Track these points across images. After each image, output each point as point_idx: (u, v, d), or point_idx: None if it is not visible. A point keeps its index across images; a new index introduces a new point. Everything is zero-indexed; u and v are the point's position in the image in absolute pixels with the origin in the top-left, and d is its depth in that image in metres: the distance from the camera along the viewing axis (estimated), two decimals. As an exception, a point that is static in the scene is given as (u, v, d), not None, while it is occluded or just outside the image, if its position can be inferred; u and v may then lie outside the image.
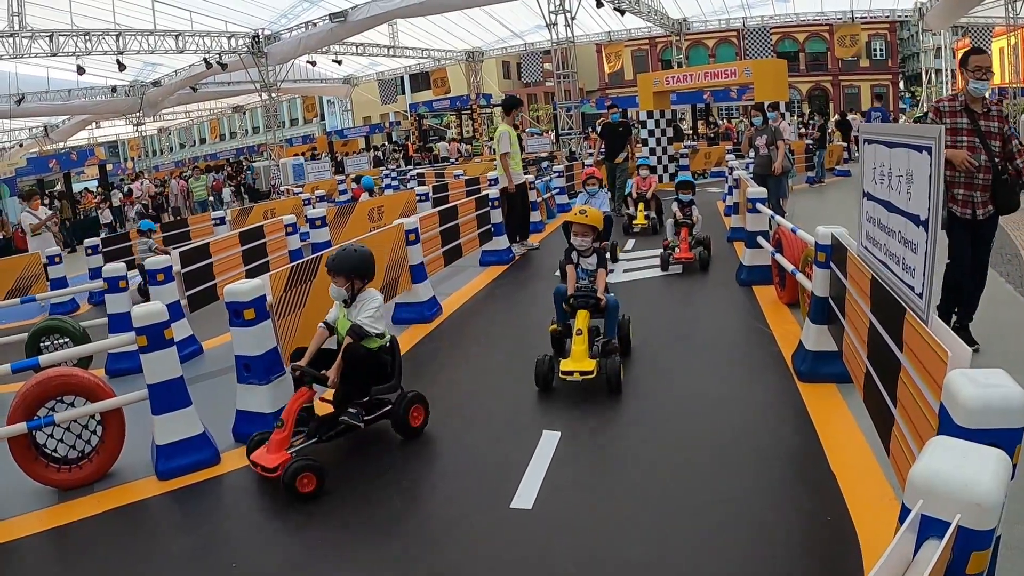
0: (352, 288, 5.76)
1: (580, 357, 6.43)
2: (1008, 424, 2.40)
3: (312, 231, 13.46)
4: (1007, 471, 1.91)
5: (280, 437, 5.30)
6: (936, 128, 3.50)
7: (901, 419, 3.53)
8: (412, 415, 5.87)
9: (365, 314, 5.68)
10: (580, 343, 6.51)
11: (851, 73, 57.44)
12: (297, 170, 30.86)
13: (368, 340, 5.65)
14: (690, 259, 11.05)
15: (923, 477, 1.90)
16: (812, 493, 4.56)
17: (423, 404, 5.99)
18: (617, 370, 6.33)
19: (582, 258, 7.13)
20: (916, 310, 3.58)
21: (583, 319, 6.65)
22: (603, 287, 6.90)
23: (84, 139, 54.86)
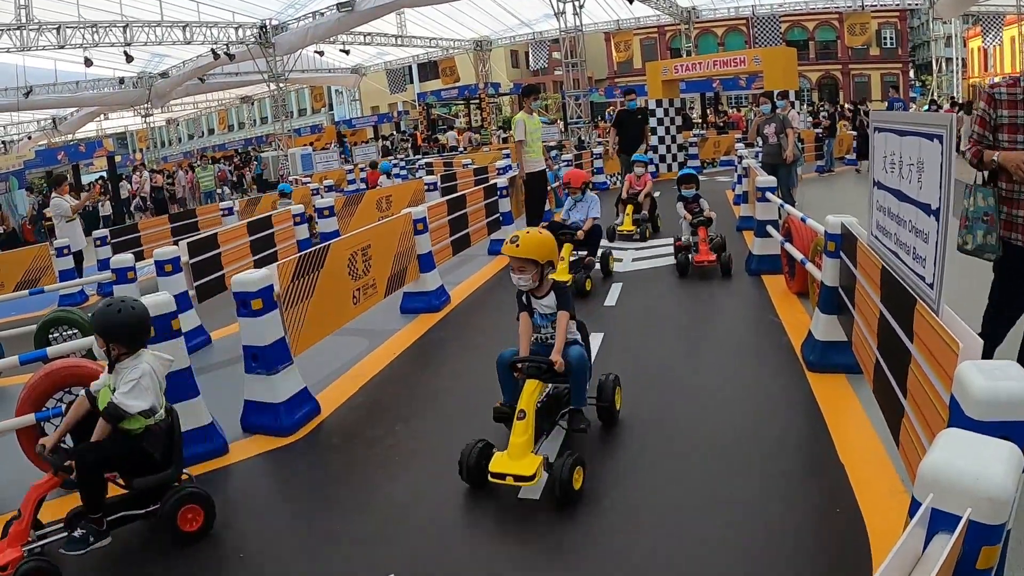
0: (110, 353, 4.53)
1: (518, 452, 4.67)
2: (1019, 416, 2.37)
3: (321, 221, 13.48)
4: (1019, 465, 1.88)
5: (17, 530, 4.29)
6: (947, 116, 3.45)
7: (911, 410, 3.50)
8: (184, 517, 4.48)
9: (122, 388, 4.39)
10: (520, 432, 4.77)
11: (861, 62, 57.11)
12: (305, 160, 30.88)
13: (130, 421, 4.42)
14: (712, 262, 9.90)
15: (934, 470, 1.87)
16: (821, 484, 4.54)
17: (203, 503, 4.56)
18: (569, 477, 4.49)
19: (536, 300, 5.40)
20: (927, 300, 3.54)
21: (529, 395, 4.96)
22: (563, 338, 5.21)
23: (92, 131, 54.85)
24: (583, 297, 9.29)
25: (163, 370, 4.64)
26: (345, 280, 7.51)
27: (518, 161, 13.15)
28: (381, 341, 8.32)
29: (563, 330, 5.23)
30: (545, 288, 5.36)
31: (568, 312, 5.30)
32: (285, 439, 5.93)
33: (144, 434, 4.46)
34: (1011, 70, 40.11)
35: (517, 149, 13.19)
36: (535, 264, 5.19)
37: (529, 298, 5.42)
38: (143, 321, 4.61)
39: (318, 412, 6.40)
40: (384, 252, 8.42)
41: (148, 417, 4.46)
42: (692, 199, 10.76)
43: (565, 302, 5.31)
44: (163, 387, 4.62)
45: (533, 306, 5.41)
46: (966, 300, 4.11)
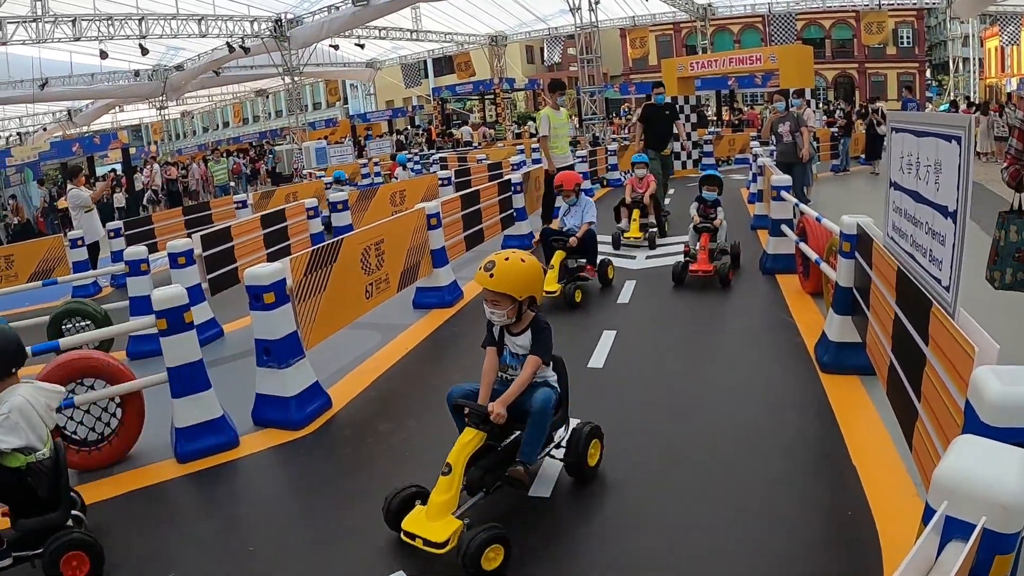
0: None
1: (435, 513, 4.03)
2: (1027, 422, 2.35)
3: (334, 215, 13.48)
4: (1034, 471, 1.87)
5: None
6: (965, 117, 3.42)
7: (925, 414, 3.47)
8: (69, 564, 3.99)
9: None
10: (443, 490, 4.08)
11: (877, 61, 56.80)
12: (320, 153, 30.91)
13: (6, 457, 3.93)
14: (708, 272, 9.32)
15: (948, 477, 1.85)
16: (833, 486, 4.52)
17: (89, 551, 4.06)
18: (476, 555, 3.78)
19: (509, 336, 4.60)
20: (942, 303, 3.51)
21: (461, 447, 4.24)
22: (520, 387, 4.41)
23: (107, 123, 55.08)
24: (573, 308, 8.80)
25: (47, 402, 4.15)
26: (358, 274, 7.52)
27: (547, 156, 12.99)
28: (393, 336, 8.32)
29: (525, 378, 4.45)
30: (522, 324, 4.55)
31: (540, 358, 4.50)
32: (296, 433, 5.93)
33: (26, 471, 3.99)
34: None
35: (543, 144, 13.03)
36: (512, 300, 4.40)
37: (502, 331, 4.62)
38: (7, 348, 4.08)
39: (329, 406, 6.40)
40: (397, 247, 8.42)
41: (26, 455, 3.98)
42: (711, 203, 10.16)
43: (541, 346, 4.52)
44: (50, 421, 4.14)
45: (505, 341, 4.61)
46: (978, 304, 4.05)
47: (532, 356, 4.48)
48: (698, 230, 9.73)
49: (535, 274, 4.46)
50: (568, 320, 8.34)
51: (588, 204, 9.85)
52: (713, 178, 10.41)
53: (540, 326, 4.56)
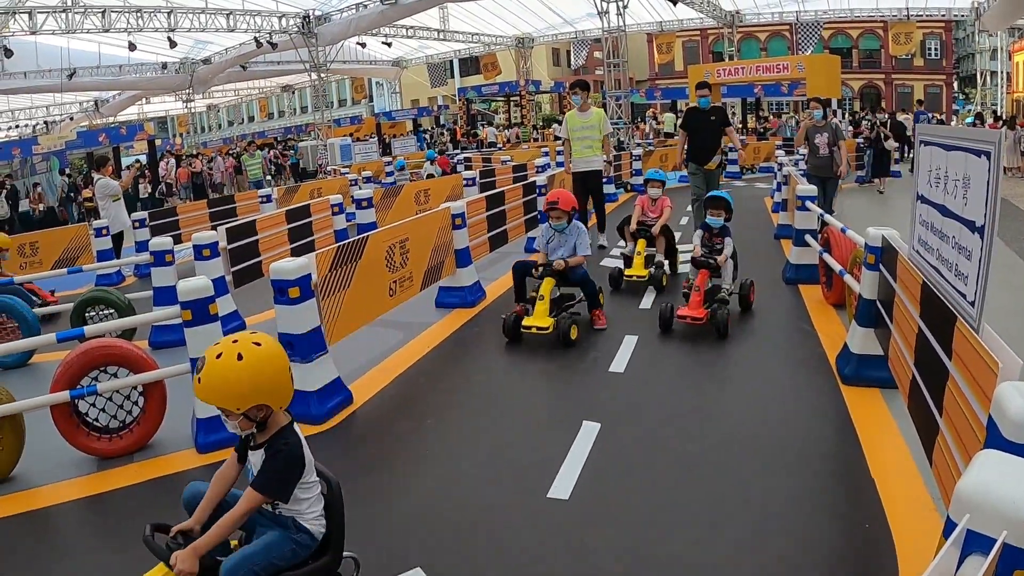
0: None
1: None
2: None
3: (358, 212, 13.54)
4: (1056, 489, 1.88)
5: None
6: (995, 133, 3.43)
7: (946, 429, 3.47)
8: None
9: None
10: None
11: (904, 72, 56.44)
12: (344, 150, 31.03)
13: None
14: (699, 320, 7.60)
15: (971, 491, 1.87)
16: (851, 498, 4.52)
17: None
18: None
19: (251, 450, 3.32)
20: (967, 318, 3.51)
21: None
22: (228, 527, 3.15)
23: (134, 114, 55.41)
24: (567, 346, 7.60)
25: None
26: (382, 272, 7.56)
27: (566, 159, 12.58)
28: (415, 334, 8.36)
29: (234, 518, 3.15)
30: (266, 435, 3.24)
31: (262, 493, 3.16)
32: (317, 427, 5.97)
33: None
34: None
35: (565, 147, 12.63)
36: None
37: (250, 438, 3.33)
38: None
39: (350, 402, 6.45)
40: (422, 246, 8.46)
41: None
42: (718, 231, 8.55)
43: (268, 477, 3.18)
44: None
45: (249, 455, 3.36)
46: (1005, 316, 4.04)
47: (250, 489, 3.19)
48: (697, 264, 8.19)
49: (265, 374, 3.09)
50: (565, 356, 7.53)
51: (582, 233, 8.32)
52: (719, 200, 8.58)
53: (277, 447, 3.21)
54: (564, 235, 8.21)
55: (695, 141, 12.34)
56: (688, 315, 7.64)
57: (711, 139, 12.24)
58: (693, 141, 12.38)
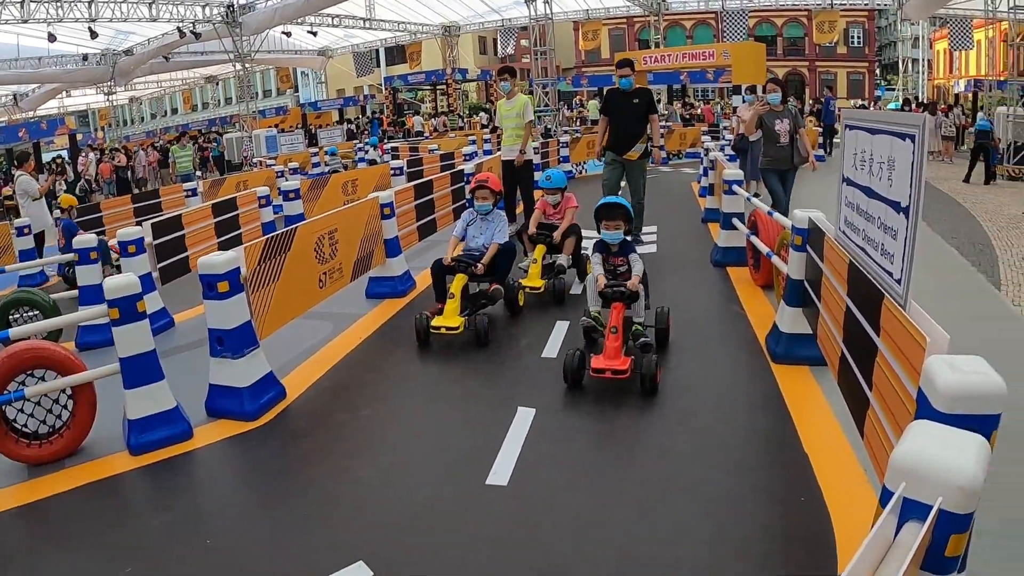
0: None
1: None
2: (985, 410, 2.44)
3: (286, 203, 13.36)
4: (987, 457, 1.93)
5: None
6: (921, 116, 3.50)
7: (876, 403, 3.55)
8: None
9: None
10: None
11: (828, 59, 57.45)
12: (270, 141, 30.59)
13: None
14: (622, 372, 5.84)
15: (906, 460, 1.91)
16: (786, 474, 4.62)
17: None
18: None
19: None
20: (895, 296, 3.60)
21: None
22: None
23: (55, 108, 54.03)
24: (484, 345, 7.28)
25: None
26: (312, 263, 7.46)
27: None
28: (347, 325, 8.28)
29: None
30: None
31: None
32: (251, 424, 5.87)
33: None
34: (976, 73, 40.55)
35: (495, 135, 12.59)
36: None
37: None
38: None
39: (284, 396, 6.36)
40: (351, 236, 8.37)
41: None
42: (617, 250, 6.80)
43: None
44: None
45: None
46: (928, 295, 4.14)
47: None
48: (607, 297, 6.50)
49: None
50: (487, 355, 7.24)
51: (503, 221, 8.14)
52: (615, 209, 6.80)
53: None
54: (486, 221, 8.12)
55: (616, 127, 11.02)
56: (607, 368, 5.86)
57: (634, 125, 10.89)
58: (614, 127, 11.05)
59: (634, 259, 6.70)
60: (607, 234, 6.73)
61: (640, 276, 6.56)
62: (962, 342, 6.02)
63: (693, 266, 10.06)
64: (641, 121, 10.93)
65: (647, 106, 11.05)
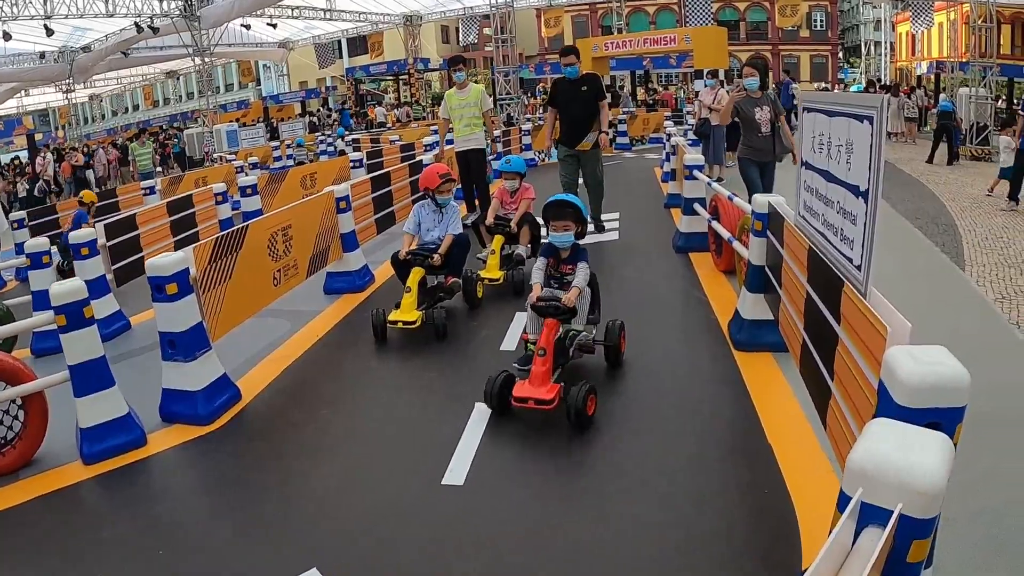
0: None
1: None
2: (948, 403, 2.34)
3: (243, 199, 13.15)
4: (950, 456, 1.83)
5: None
6: (878, 97, 3.41)
7: (838, 393, 3.45)
8: None
9: None
10: None
11: (791, 43, 57.64)
12: (231, 136, 30.28)
13: None
14: (546, 403, 5.10)
15: (864, 463, 1.80)
16: (749, 464, 4.52)
17: None
18: None
19: None
20: (855, 282, 3.50)
21: None
22: None
23: (13, 108, 53.28)
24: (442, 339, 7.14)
25: None
26: (265, 261, 7.30)
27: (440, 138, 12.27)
28: (304, 323, 8.11)
29: None
30: None
31: None
32: (205, 428, 5.74)
33: None
34: (938, 55, 40.85)
35: (442, 126, 12.28)
36: None
37: None
38: None
39: (239, 398, 6.21)
40: (306, 232, 8.20)
41: None
42: (568, 256, 6.02)
43: None
44: None
45: None
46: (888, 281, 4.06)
47: None
48: (539, 312, 5.64)
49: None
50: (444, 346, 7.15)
51: (457, 212, 7.95)
52: (564, 208, 5.93)
53: None
54: (440, 213, 7.88)
55: (566, 118, 10.48)
56: (530, 397, 5.12)
57: (583, 114, 10.33)
58: (564, 119, 10.51)
59: (582, 268, 5.81)
60: (556, 236, 5.84)
61: (581, 289, 5.68)
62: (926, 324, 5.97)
63: (655, 253, 9.98)
64: (591, 109, 10.33)
65: (595, 93, 10.43)
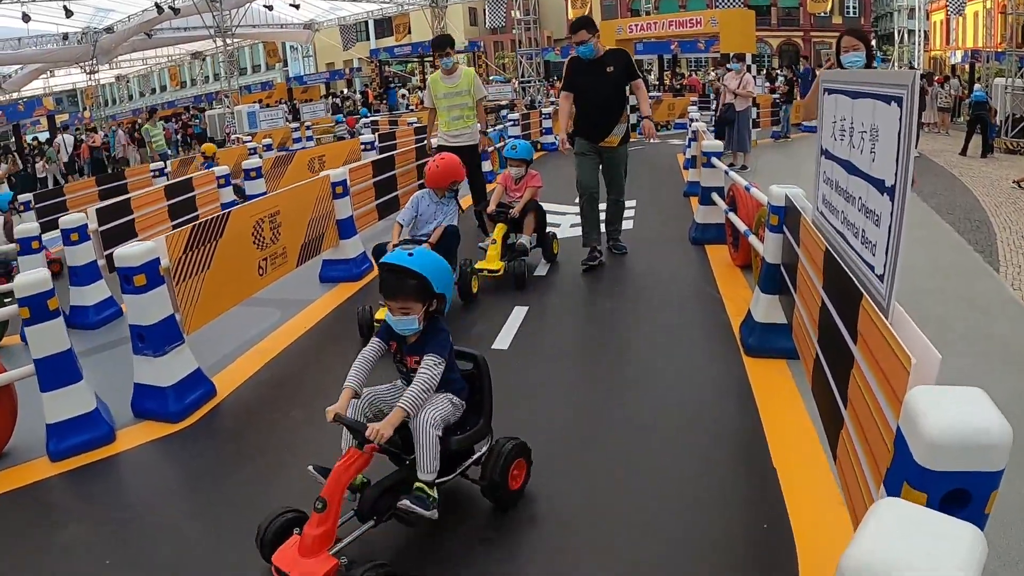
0: None
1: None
2: (981, 466, 1.84)
3: (247, 183, 12.76)
4: (981, 559, 1.33)
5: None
6: (909, 74, 2.85)
7: (851, 424, 2.92)
8: None
9: None
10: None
11: (823, 30, 56.86)
12: (251, 118, 30.08)
13: None
14: None
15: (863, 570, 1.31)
16: (750, 489, 4.05)
17: None
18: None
19: None
20: (875, 295, 2.97)
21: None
22: None
23: (40, 88, 53.56)
24: None
25: None
26: (249, 250, 6.95)
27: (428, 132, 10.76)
28: (294, 313, 7.76)
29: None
30: None
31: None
32: (175, 425, 5.46)
33: None
34: (973, 44, 39.99)
35: (428, 118, 10.69)
36: None
37: None
38: None
39: (213, 395, 5.91)
40: (296, 218, 7.82)
41: None
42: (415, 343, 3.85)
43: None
44: None
45: None
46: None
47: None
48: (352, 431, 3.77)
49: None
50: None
51: (454, 205, 7.45)
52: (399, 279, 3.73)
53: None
54: (439, 204, 7.33)
55: (586, 106, 8.24)
56: None
57: (611, 101, 8.15)
58: (583, 107, 8.27)
59: (429, 363, 3.68)
60: (394, 321, 3.78)
61: (407, 411, 3.58)
62: (955, 328, 5.45)
63: (669, 244, 9.50)
64: (619, 94, 8.18)
65: (626, 72, 8.19)
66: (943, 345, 2.28)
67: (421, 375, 3.64)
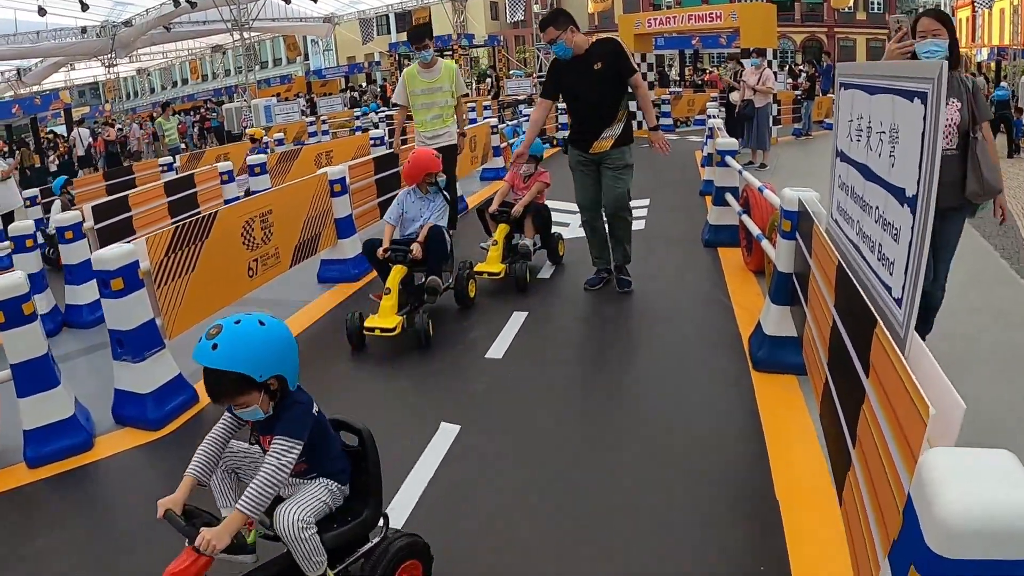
0: None
1: None
2: (1007, 554, 1.47)
3: (252, 179, 12.51)
4: None
5: None
6: (935, 65, 2.39)
7: (859, 467, 2.55)
8: None
9: None
10: None
11: (847, 26, 56.60)
12: (268, 111, 29.96)
13: None
14: None
15: None
16: (747, 524, 3.71)
17: None
18: None
19: None
20: (892, 321, 2.61)
21: None
22: None
23: (60, 82, 53.94)
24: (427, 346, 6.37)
25: None
26: (238, 250, 6.74)
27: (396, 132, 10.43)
28: (289, 314, 7.53)
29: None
30: None
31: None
32: (155, 433, 5.34)
33: None
34: (999, 42, 39.39)
35: (398, 117, 10.28)
36: None
37: None
38: None
39: (196, 401, 5.76)
40: (290, 217, 7.59)
41: None
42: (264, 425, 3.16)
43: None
44: None
45: None
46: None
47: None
48: None
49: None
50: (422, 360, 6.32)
51: (443, 205, 6.98)
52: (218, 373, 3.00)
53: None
54: (425, 201, 6.93)
55: (575, 110, 7.31)
56: None
57: (601, 102, 6.99)
58: (572, 112, 7.40)
59: (278, 451, 2.96)
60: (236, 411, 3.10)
61: (254, 505, 2.86)
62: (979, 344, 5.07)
63: (680, 246, 9.17)
64: (612, 93, 7.00)
65: (617, 66, 6.94)
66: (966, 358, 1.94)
67: (267, 466, 2.92)
